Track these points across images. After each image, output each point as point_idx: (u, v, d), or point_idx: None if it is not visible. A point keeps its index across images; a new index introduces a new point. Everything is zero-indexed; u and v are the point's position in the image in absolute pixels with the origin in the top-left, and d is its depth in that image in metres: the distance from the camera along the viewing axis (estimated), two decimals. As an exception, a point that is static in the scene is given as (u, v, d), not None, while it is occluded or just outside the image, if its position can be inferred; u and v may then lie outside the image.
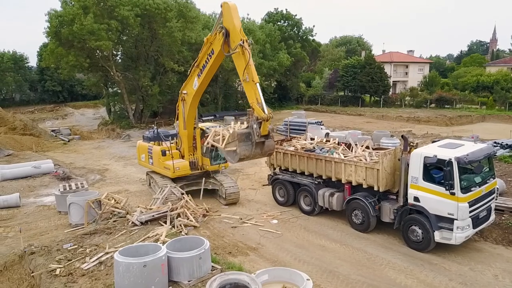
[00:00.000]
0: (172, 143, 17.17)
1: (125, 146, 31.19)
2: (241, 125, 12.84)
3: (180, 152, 16.87)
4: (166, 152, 16.21)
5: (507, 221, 12.75)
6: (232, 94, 52.19)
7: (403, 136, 12.81)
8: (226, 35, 12.41)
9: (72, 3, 35.19)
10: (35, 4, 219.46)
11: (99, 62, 37.72)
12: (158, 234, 11.59)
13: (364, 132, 28.86)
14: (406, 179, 11.91)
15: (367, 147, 14.27)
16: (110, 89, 45.34)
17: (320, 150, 14.75)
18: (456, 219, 10.81)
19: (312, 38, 61.18)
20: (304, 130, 27.94)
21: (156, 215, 13.07)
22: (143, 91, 39.64)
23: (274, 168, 16.29)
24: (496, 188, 12.64)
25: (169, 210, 13.35)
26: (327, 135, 25.39)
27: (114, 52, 40.20)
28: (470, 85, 55.64)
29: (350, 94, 58.42)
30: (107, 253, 10.45)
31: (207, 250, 9.06)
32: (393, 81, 64.04)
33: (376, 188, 12.50)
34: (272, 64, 47.47)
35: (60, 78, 53.97)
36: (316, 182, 14.51)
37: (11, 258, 11.14)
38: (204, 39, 14.11)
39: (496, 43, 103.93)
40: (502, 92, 49.11)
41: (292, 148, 15.47)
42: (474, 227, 11.23)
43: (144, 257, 8.28)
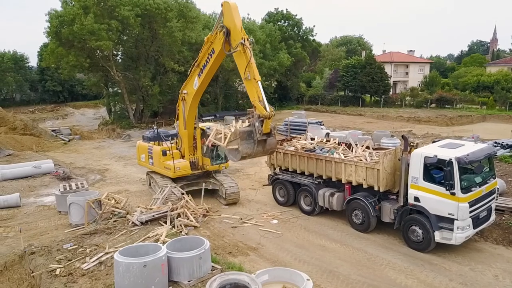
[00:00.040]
0: (172, 143, 17.16)
1: (125, 146, 31.22)
2: (242, 123, 12.83)
3: (180, 152, 16.87)
4: (167, 152, 16.20)
5: (507, 221, 12.73)
6: (233, 94, 52.24)
7: (403, 136, 12.81)
8: (227, 34, 12.42)
9: (73, 3, 35.27)
10: (35, 4, 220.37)
11: (99, 62, 37.76)
12: (158, 234, 11.59)
13: (364, 132, 28.84)
14: (407, 179, 11.90)
15: (368, 147, 14.26)
16: (111, 89, 45.40)
17: (321, 150, 14.74)
18: (457, 219, 10.80)
19: (312, 38, 61.29)
20: (304, 130, 27.91)
21: (156, 215, 13.06)
22: (144, 91, 39.69)
23: (274, 168, 16.28)
24: (497, 188, 12.63)
25: (169, 210, 13.35)
26: (327, 135, 25.37)
27: (115, 52, 40.25)
28: (470, 85, 55.65)
29: (350, 94, 58.45)
30: (107, 253, 10.44)
31: (207, 250, 9.06)
32: (393, 81, 64.04)
33: (376, 188, 12.50)
34: (273, 64, 47.51)
35: (60, 78, 54.12)
36: (316, 182, 14.50)
37: (11, 258, 11.14)
38: (205, 38, 14.10)
39: (496, 43, 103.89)
40: (502, 92, 49.11)
41: (292, 148, 15.46)
42: (475, 227, 11.23)
43: (144, 257, 8.27)
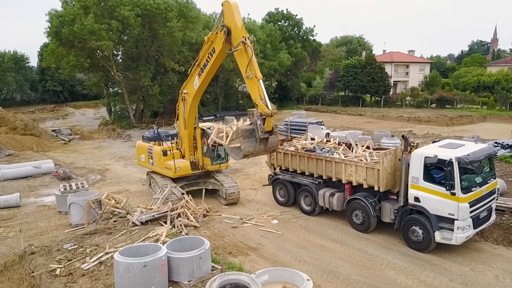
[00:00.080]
0: (172, 143, 17.16)
1: (125, 146, 31.22)
2: (243, 122, 12.83)
3: (180, 152, 16.86)
4: (167, 152, 16.20)
5: (507, 221, 12.73)
6: (233, 94, 52.27)
7: (403, 136, 12.80)
8: (228, 33, 12.45)
9: (73, 3, 35.28)
10: (35, 4, 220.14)
11: (99, 62, 37.78)
12: (158, 234, 11.58)
13: (364, 132, 28.82)
14: (407, 179, 11.89)
15: (368, 147, 14.26)
16: (111, 89, 45.42)
17: (321, 150, 14.73)
18: (457, 219, 10.80)
19: (312, 38, 61.29)
20: (304, 130, 27.89)
21: (157, 215, 13.06)
22: (144, 91, 39.70)
23: (275, 168, 16.27)
24: (497, 188, 12.63)
25: (169, 210, 13.34)
26: (327, 135, 25.33)
27: (115, 52, 40.26)
28: (471, 85, 55.64)
29: (350, 94, 58.46)
30: (107, 253, 10.44)
31: (207, 250, 9.05)
32: (393, 81, 64.03)
33: (376, 188, 12.49)
34: (273, 64, 47.52)
35: (60, 78, 54.13)
36: (317, 182, 14.49)
37: (12, 258, 11.14)
38: (205, 38, 14.14)
39: (497, 43, 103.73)
40: (503, 92, 49.10)
41: (292, 148, 15.45)
42: (475, 228, 11.22)
43: (144, 257, 8.27)
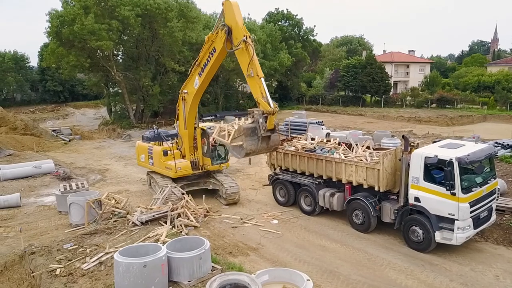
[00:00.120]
0: (172, 143, 17.16)
1: (125, 146, 31.22)
2: (245, 121, 12.84)
3: (181, 152, 16.86)
4: (168, 152, 16.21)
5: (508, 221, 12.71)
6: (233, 94, 52.28)
7: (403, 136, 12.79)
8: (229, 32, 12.46)
9: (73, 3, 35.28)
10: (35, 4, 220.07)
11: (100, 62, 37.78)
12: (158, 234, 11.58)
13: (365, 132, 28.81)
14: (407, 179, 11.88)
15: (368, 147, 14.25)
16: (111, 89, 45.44)
17: (321, 150, 14.71)
18: (457, 220, 10.79)
19: (313, 38, 61.29)
20: (305, 130, 27.91)
21: (157, 215, 13.05)
22: (144, 91, 39.70)
23: (275, 168, 16.26)
24: (497, 188, 12.62)
25: (169, 210, 13.33)
26: (327, 135, 25.35)
27: (115, 52, 40.27)
28: (471, 85, 55.63)
29: (351, 94, 58.46)
30: (107, 253, 10.43)
31: (207, 250, 9.05)
32: (394, 81, 64.01)
33: (376, 188, 12.48)
34: (273, 64, 47.51)
35: (61, 78, 54.16)
36: (317, 182, 14.49)
37: (12, 258, 11.14)
38: (205, 37, 14.15)
39: (497, 43, 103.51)
40: (503, 92, 49.07)
41: (292, 148, 15.45)
42: (475, 228, 11.21)
43: (144, 257, 8.27)
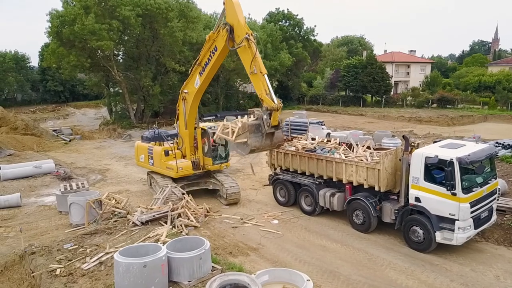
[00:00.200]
0: (172, 143, 17.15)
1: (126, 146, 31.22)
2: (248, 118, 12.84)
3: (181, 152, 16.85)
4: (169, 152, 16.21)
5: (508, 221, 12.69)
6: (234, 94, 52.26)
7: (404, 136, 12.79)
8: (230, 31, 12.48)
9: (74, 3, 35.29)
10: (35, 4, 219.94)
11: (100, 62, 37.79)
12: (158, 234, 11.58)
13: (365, 132, 28.79)
14: (407, 180, 11.87)
15: (368, 147, 14.25)
16: (112, 89, 45.45)
17: (321, 150, 14.71)
18: (458, 220, 10.77)
19: (313, 38, 61.31)
20: (305, 130, 27.82)
21: (157, 215, 13.05)
22: (144, 91, 39.70)
23: (275, 168, 16.26)
24: (498, 188, 12.60)
25: (169, 210, 13.33)
26: (328, 135, 25.32)
27: (115, 52, 40.27)
28: (472, 85, 55.61)
29: (351, 94, 58.44)
30: (107, 253, 10.43)
31: (207, 251, 9.04)
32: (394, 81, 64.00)
33: (377, 189, 12.47)
34: (274, 64, 47.48)
35: (61, 78, 54.19)
36: (317, 182, 14.47)
37: (12, 258, 11.14)
38: (206, 36, 14.17)
39: (498, 42, 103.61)
40: (504, 92, 49.03)
41: (293, 148, 15.45)
42: (476, 228, 11.19)
43: (144, 257, 8.26)
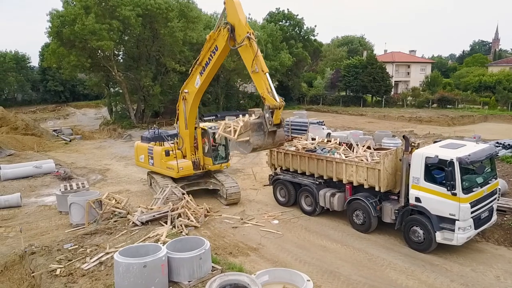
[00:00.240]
0: (172, 143, 17.15)
1: (126, 146, 31.20)
2: (249, 117, 12.85)
3: (181, 152, 16.84)
4: (170, 152, 16.22)
5: (509, 221, 12.68)
6: (234, 94, 52.26)
7: (404, 136, 12.78)
8: (231, 30, 12.50)
9: (74, 3, 35.29)
10: (35, 4, 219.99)
11: (100, 62, 37.79)
12: (158, 234, 11.58)
13: (365, 132, 28.80)
14: (408, 180, 11.86)
15: (369, 147, 14.24)
16: (112, 89, 45.46)
17: (321, 150, 14.71)
18: (458, 220, 10.76)
19: (313, 38, 61.32)
20: (305, 130, 27.83)
21: (157, 215, 13.05)
22: (145, 91, 39.71)
23: (275, 168, 16.25)
24: (498, 188, 12.58)
25: (169, 210, 13.32)
26: (328, 135, 25.33)
27: (116, 52, 40.24)
28: (472, 85, 55.60)
29: (352, 94, 58.43)
30: (107, 253, 10.43)
31: (207, 251, 9.04)
32: (395, 81, 63.97)
33: (377, 189, 12.46)
34: (274, 64, 47.43)
35: (62, 78, 54.15)
36: (317, 183, 14.47)
37: (12, 258, 11.14)
38: (207, 36, 14.19)
39: (498, 43, 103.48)
40: (504, 92, 48.99)
41: (293, 148, 15.44)
42: (476, 228, 11.18)
43: (144, 257, 8.26)
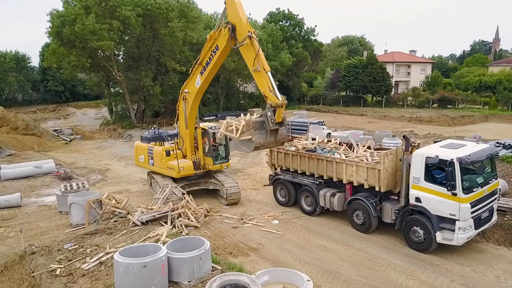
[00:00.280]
0: (172, 143, 17.15)
1: (126, 146, 31.20)
2: (251, 116, 12.86)
3: (182, 152, 16.84)
4: (171, 152, 16.21)
5: (509, 222, 12.67)
6: (234, 94, 52.27)
7: (404, 136, 12.78)
8: (232, 29, 12.50)
9: (74, 3, 35.29)
10: (35, 4, 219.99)
11: (101, 62, 37.80)
12: (158, 234, 11.57)
13: (366, 132, 28.81)
14: (408, 180, 11.85)
15: (369, 147, 14.24)
16: (112, 89, 45.46)
17: (322, 150, 14.70)
18: (458, 220, 10.76)
19: (314, 38, 61.29)
20: (306, 130, 27.83)
21: (157, 215, 13.04)
22: (145, 91, 39.70)
23: (275, 168, 16.24)
24: (499, 188, 12.56)
25: (170, 210, 13.32)
26: (328, 135, 25.32)
27: (116, 52, 40.24)
28: (472, 85, 55.59)
29: (352, 94, 58.43)
30: (107, 253, 10.43)
31: (207, 251, 9.03)
32: (395, 81, 63.95)
33: (377, 189, 12.45)
34: (274, 64, 47.36)
35: (62, 78, 54.21)
36: (317, 183, 14.46)
37: (12, 258, 11.14)
38: (207, 36, 14.19)
39: (498, 42, 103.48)
40: (504, 92, 48.99)
41: (293, 148, 15.43)
42: (476, 228, 11.17)
43: (145, 257, 8.25)
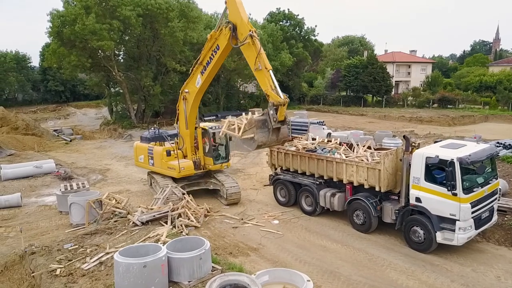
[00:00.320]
0: (172, 143, 17.14)
1: (126, 146, 31.20)
2: (252, 115, 12.87)
3: (182, 152, 16.84)
4: (171, 152, 16.21)
5: (509, 222, 12.67)
6: (234, 94, 52.29)
7: (405, 136, 12.77)
8: (233, 29, 12.51)
9: (74, 3, 35.29)
10: (35, 4, 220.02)
11: (101, 62, 37.80)
12: (158, 234, 11.57)
13: (366, 132, 28.80)
14: (408, 180, 11.85)
15: (369, 147, 14.23)
16: (112, 89, 45.46)
17: (322, 150, 14.69)
18: (458, 220, 10.75)
19: (314, 38, 61.32)
20: (306, 130, 27.82)
21: (157, 215, 13.04)
22: (145, 91, 39.70)
23: (276, 168, 16.24)
24: (499, 188, 12.56)
25: (170, 210, 13.32)
26: (329, 135, 25.31)
27: (116, 52, 40.24)
28: (473, 85, 55.56)
29: (352, 94, 58.42)
30: (107, 253, 10.43)
31: (207, 251, 9.03)
32: (395, 81, 63.91)
33: (377, 189, 12.45)
34: (274, 64, 47.34)
35: (62, 78, 54.22)
36: (318, 183, 14.45)
37: (12, 258, 11.14)
38: (208, 35, 14.19)
39: (499, 42, 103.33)
40: (505, 92, 48.96)
41: (293, 148, 15.42)
42: (477, 228, 11.16)
43: (145, 257, 8.25)
